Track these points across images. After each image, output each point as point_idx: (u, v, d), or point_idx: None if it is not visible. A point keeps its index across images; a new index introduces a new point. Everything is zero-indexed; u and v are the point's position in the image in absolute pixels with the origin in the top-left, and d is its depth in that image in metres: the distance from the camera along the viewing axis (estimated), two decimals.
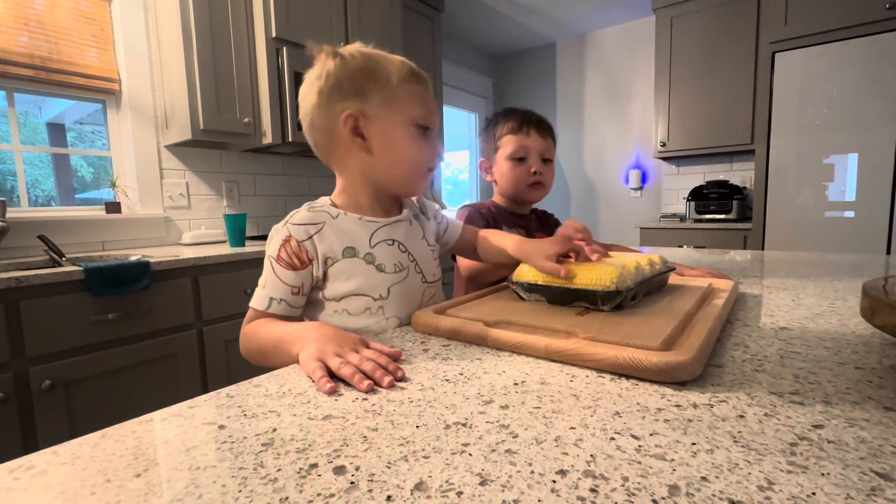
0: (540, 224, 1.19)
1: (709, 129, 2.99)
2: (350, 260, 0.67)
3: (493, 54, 4.25)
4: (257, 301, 0.65)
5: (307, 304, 0.69)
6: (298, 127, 2.01)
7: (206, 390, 0.70)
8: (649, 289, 0.68)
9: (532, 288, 0.67)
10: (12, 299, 1.17)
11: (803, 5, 2.42)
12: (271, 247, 0.65)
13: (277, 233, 0.66)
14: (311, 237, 0.65)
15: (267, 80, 1.96)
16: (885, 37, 2.24)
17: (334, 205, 0.71)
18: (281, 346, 0.55)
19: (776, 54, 2.51)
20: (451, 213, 1.03)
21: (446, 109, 3.46)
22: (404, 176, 0.70)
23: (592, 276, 0.61)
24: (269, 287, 0.64)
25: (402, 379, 0.45)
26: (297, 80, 1.99)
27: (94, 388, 1.31)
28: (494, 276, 0.95)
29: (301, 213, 0.67)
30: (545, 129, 1.08)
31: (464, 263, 0.99)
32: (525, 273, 0.68)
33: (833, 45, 2.36)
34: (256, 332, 0.61)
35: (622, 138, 3.76)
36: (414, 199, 0.81)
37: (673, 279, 0.80)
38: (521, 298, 0.69)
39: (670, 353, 0.43)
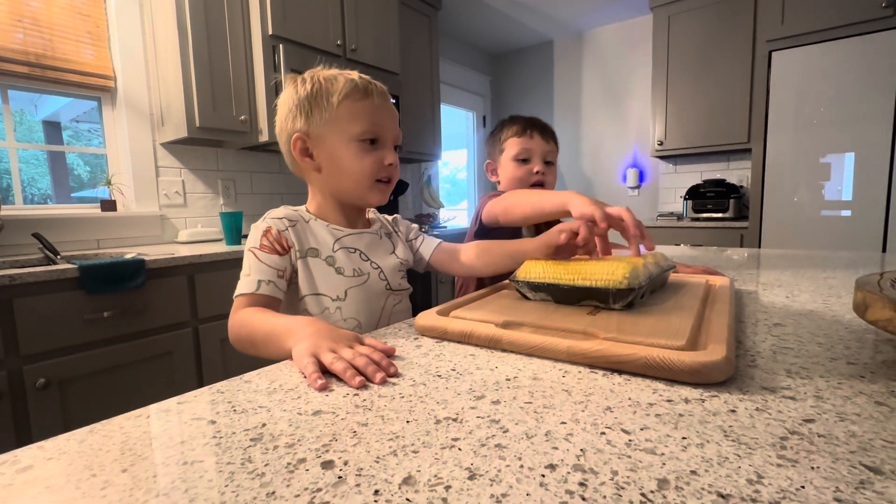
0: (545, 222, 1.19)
1: (706, 128, 3.00)
2: (313, 259, 0.73)
3: (491, 52, 4.25)
4: (244, 286, 0.67)
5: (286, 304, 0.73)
6: None
7: None
8: (654, 286, 0.68)
9: (538, 287, 0.65)
10: (6, 297, 1.16)
11: (800, 4, 2.43)
12: (252, 239, 0.71)
13: (257, 227, 0.72)
14: (287, 229, 0.72)
15: (263, 77, 1.95)
16: (881, 35, 2.25)
17: (308, 211, 0.78)
18: (272, 337, 0.55)
19: (773, 53, 2.51)
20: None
21: (443, 108, 3.45)
22: (353, 188, 0.74)
23: (603, 273, 0.59)
24: (255, 272, 0.67)
25: (395, 375, 0.44)
26: None
27: (88, 386, 1.31)
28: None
29: (279, 210, 0.74)
30: (548, 133, 1.13)
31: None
32: (531, 271, 0.66)
33: (830, 43, 2.36)
34: (247, 320, 0.61)
35: (619, 137, 3.76)
36: (389, 218, 0.88)
37: (671, 276, 0.80)
38: (526, 298, 0.67)
39: (702, 353, 0.41)
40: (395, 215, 0.91)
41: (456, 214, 4.04)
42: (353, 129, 0.71)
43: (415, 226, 0.92)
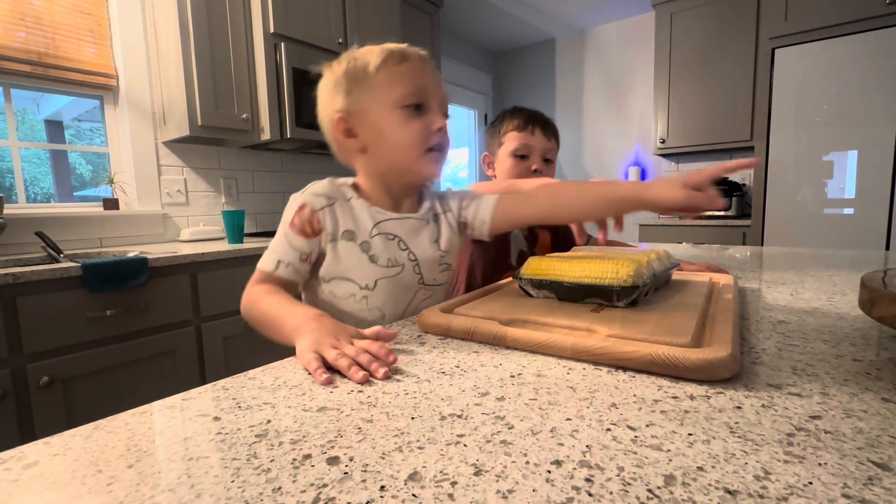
0: None
1: (708, 126, 2.99)
2: (346, 243, 0.68)
3: (493, 51, 4.24)
4: (265, 262, 0.66)
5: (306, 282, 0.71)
6: (298, 124, 2.01)
7: None
8: (657, 284, 0.67)
9: (541, 284, 0.64)
10: (9, 296, 1.17)
11: (803, 1, 2.41)
12: (287, 213, 0.68)
13: (294, 200, 0.68)
14: (322, 209, 0.67)
15: (265, 75, 1.95)
16: (885, 33, 2.24)
17: (355, 186, 0.73)
18: (277, 325, 0.56)
19: (776, 50, 2.50)
20: None
21: None
22: (402, 161, 0.68)
23: (607, 270, 0.58)
24: (279, 251, 0.66)
25: (394, 362, 0.45)
26: (296, 76, 1.99)
27: (92, 384, 1.31)
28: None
29: (321, 185, 0.70)
30: (550, 129, 1.08)
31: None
32: (534, 269, 0.66)
33: (833, 40, 2.35)
34: (259, 300, 0.61)
35: (621, 135, 3.75)
36: (440, 194, 0.79)
37: (674, 274, 0.80)
38: (529, 295, 0.67)
39: (707, 350, 0.41)
40: (447, 189, 0.81)
41: None
42: (393, 94, 0.65)
43: (470, 189, 0.81)
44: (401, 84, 0.66)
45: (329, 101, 0.69)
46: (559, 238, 1.18)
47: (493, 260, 1.02)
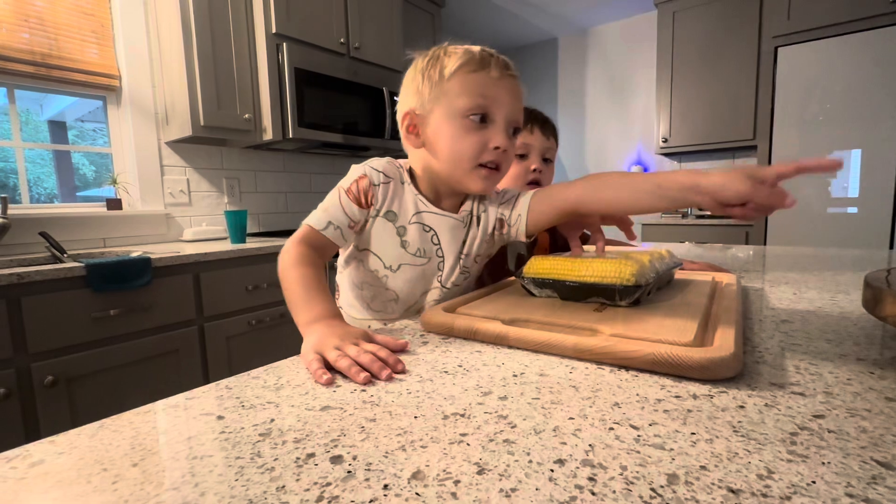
0: None
1: (711, 125, 2.98)
2: (386, 223, 0.70)
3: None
4: (315, 219, 0.67)
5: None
6: (300, 124, 2.01)
7: None
8: (660, 284, 0.67)
9: (543, 283, 0.64)
10: (14, 296, 1.17)
11: None
12: (346, 180, 0.69)
13: (356, 170, 0.70)
14: (379, 184, 0.69)
15: (267, 76, 1.95)
16: (888, 31, 2.23)
17: (410, 172, 0.73)
18: (296, 308, 0.58)
19: (779, 49, 2.49)
20: None
21: None
22: (449, 172, 0.68)
23: (610, 270, 0.58)
24: (331, 212, 0.67)
25: (402, 371, 0.44)
26: (298, 76, 2.00)
27: (96, 383, 1.31)
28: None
29: (381, 162, 0.71)
30: (549, 128, 1.08)
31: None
32: (536, 268, 0.66)
33: (836, 39, 2.35)
34: (292, 270, 0.61)
35: (624, 134, 3.74)
36: (483, 198, 0.75)
37: (677, 273, 0.80)
38: (532, 294, 0.67)
39: (710, 350, 0.41)
40: (492, 192, 0.75)
41: None
42: (458, 103, 0.64)
43: (513, 190, 0.76)
44: (469, 94, 0.64)
45: (405, 94, 0.70)
46: (558, 240, 1.17)
47: (490, 266, 1.03)
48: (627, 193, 0.61)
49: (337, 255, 0.77)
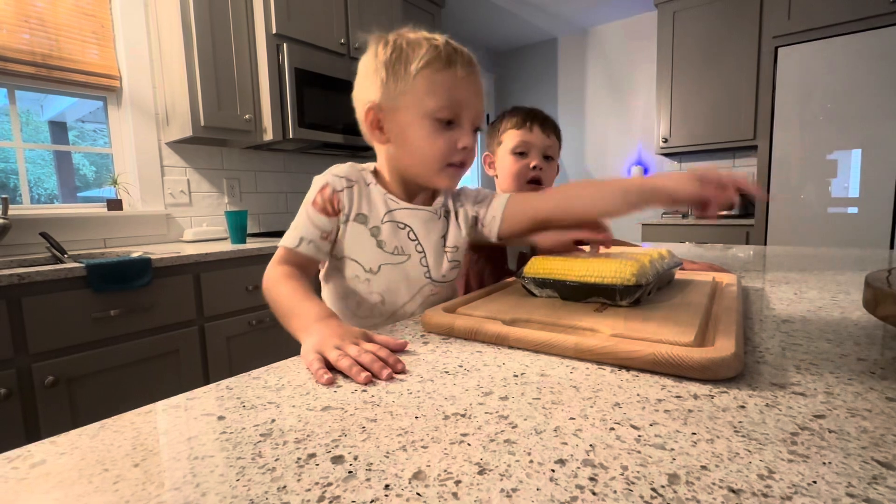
0: None
1: (711, 125, 2.98)
2: (358, 226, 0.70)
3: (495, 50, 4.24)
4: (288, 240, 0.67)
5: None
6: (300, 124, 2.01)
7: None
8: (660, 283, 0.67)
9: (544, 283, 0.64)
10: (15, 296, 1.17)
11: None
12: (310, 193, 0.69)
13: (318, 181, 0.70)
14: (343, 190, 0.69)
15: (267, 76, 1.96)
16: (888, 31, 2.23)
17: (375, 172, 0.74)
18: (289, 318, 0.58)
19: (779, 49, 2.49)
20: None
21: None
22: (419, 170, 0.69)
23: (610, 269, 0.58)
24: (302, 228, 0.67)
25: (402, 371, 0.44)
26: (298, 76, 2.00)
27: (96, 384, 1.32)
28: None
29: (343, 167, 0.71)
30: (549, 126, 1.08)
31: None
32: (537, 268, 0.66)
33: (836, 39, 2.35)
34: (278, 286, 0.63)
35: (624, 134, 3.74)
36: (454, 192, 0.79)
37: (677, 273, 0.80)
38: (532, 294, 0.67)
39: (711, 350, 0.41)
40: (462, 187, 0.80)
41: None
42: (428, 103, 0.64)
43: (487, 191, 0.80)
44: (438, 95, 0.64)
45: (365, 84, 0.68)
46: None
47: (491, 266, 1.02)
48: (595, 202, 0.67)
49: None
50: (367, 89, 0.68)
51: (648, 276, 0.59)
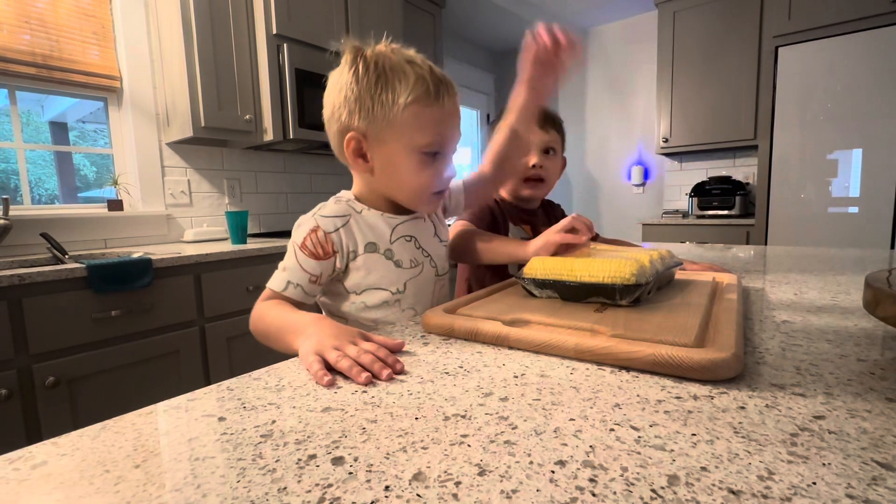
0: (546, 217, 1.17)
1: (711, 125, 2.98)
2: (371, 255, 0.70)
3: (495, 50, 4.24)
4: (275, 283, 0.67)
5: (331, 295, 0.73)
6: (301, 124, 2.01)
7: None
8: (660, 283, 0.67)
9: (544, 284, 0.64)
10: (15, 297, 1.17)
11: None
12: (298, 234, 0.67)
13: (305, 222, 0.68)
14: (337, 230, 0.68)
15: (268, 76, 1.96)
16: (889, 30, 2.23)
17: (358, 198, 0.73)
18: (282, 333, 0.57)
19: (779, 48, 2.49)
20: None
21: None
22: (406, 199, 0.71)
23: (610, 269, 0.58)
24: (289, 271, 0.66)
25: (402, 371, 0.44)
26: (299, 76, 2.00)
27: (97, 384, 1.32)
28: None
29: (329, 207, 0.70)
30: (547, 122, 1.06)
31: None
32: (537, 268, 0.66)
33: (837, 38, 2.34)
34: (265, 314, 0.63)
35: (624, 134, 3.74)
36: None
37: (677, 273, 0.80)
38: (532, 295, 0.67)
39: (711, 350, 0.41)
40: None
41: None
42: (417, 139, 0.64)
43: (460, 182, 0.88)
44: (426, 131, 0.64)
45: (344, 108, 0.65)
46: None
47: (492, 266, 1.02)
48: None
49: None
50: (346, 113, 0.65)
51: (648, 276, 0.59)
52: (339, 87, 0.66)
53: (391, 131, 0.64)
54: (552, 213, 1.20)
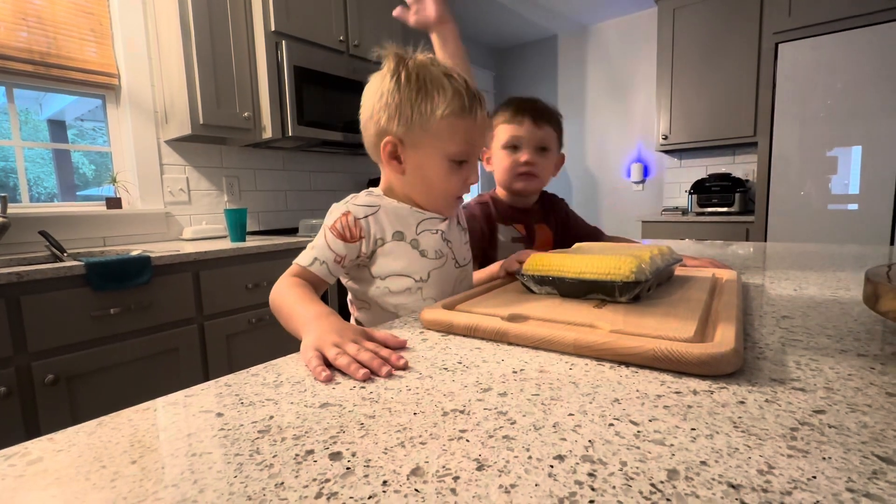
0: (545, 213, 1.16)
1: (711, 122, 2.97)
2: (398, 243, 0.73)
3: (495, 47, 4.23)
4: (303, 258, 0.70)
5: (357, 280, 0.76)
6: (299, 122, 2.01)
7: None
8: (660, 280, 0.67)
9: (543, 280, 0.64)
10: (14, 294, 1.17)
11: None
12: (329, 218, 0.71)
13: (338, 209, 0.72)
14: (367, 217, 0.71)
15: (266, 74, 1.95)
16: (889, 27, 2.22)
17: (387, 195, 0.76)
18: (292, 320, 0.59)
19: (779, 45, 2.49)
20: None
21: None
22: (432, 201, 0.75)
23: (609, 266, 0.58)
24: (317, 249, 0.70)
25: (405, 368, 0.44)
26: (297, 73, 1.99)
27: (96, 382, 1.32)
28: None
29: (361, 197, 0.74)
30: (542, 117, 1.05)
31: None
32: (536, 265, 0.66)
33: (837, 35, 2.34)
34: (285, 294, 0.64)
35: (624, 131, 3.74)
36: None
37: (677, 269, 0.80)
38: (531, 291, 0.67)
39: (711, 345, 0.41)
40: None
41: None
42: (448, 147, 0.69)
43: None
44: (457, 140, 0.69)
45: (384, 113, 0.68)
46: (559, 234, 1.17)
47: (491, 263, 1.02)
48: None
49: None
50: (385, 118, 0.69)
51: (647, 273, 0.58)
52: (380, 92, 0.69)
53: (426, 139, 0.69)
54: (552, 208, 1.19)
